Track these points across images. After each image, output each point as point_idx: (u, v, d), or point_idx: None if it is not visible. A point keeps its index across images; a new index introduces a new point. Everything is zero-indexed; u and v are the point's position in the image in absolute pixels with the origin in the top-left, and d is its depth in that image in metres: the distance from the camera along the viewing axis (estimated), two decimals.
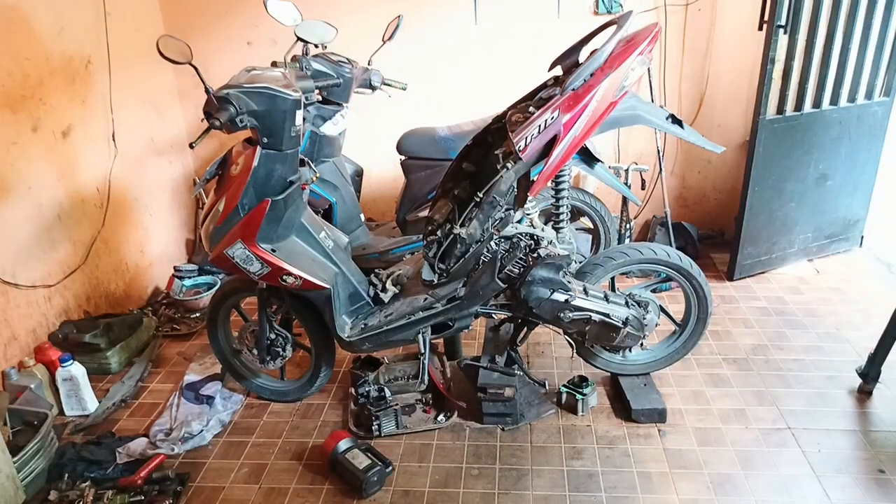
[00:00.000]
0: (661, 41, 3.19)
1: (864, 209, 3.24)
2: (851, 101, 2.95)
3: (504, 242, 1.97)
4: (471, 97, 3.32)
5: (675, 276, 2.17)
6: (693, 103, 3.35)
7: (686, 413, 2.20)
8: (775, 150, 2.84)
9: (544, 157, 1.81)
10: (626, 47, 1.82)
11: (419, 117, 3.13)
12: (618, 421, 2.18)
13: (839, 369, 2.38)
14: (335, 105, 2.73)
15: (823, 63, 2.83)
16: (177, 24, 3.32)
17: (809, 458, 1.96)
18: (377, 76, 2.82)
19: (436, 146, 2.74)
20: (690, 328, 2.26)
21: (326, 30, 2.63)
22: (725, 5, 3.14)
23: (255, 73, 1.90)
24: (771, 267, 3.17)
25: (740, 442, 2.05)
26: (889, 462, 1.92)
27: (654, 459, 1.99)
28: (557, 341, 2.66)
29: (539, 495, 1.88)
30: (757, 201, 2.92)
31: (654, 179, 3.37)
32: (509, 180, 1.87)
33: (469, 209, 1.97)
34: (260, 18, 3.11)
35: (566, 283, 1.98)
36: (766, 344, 2.58)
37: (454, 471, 2.00)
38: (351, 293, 2.13)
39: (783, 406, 2.20)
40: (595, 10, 3.17)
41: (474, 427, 2.19)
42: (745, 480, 1.89)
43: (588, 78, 1.81)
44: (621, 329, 2.05)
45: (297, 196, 1.97)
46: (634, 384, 2.26)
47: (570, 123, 1.79)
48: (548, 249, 1.96)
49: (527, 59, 3.18)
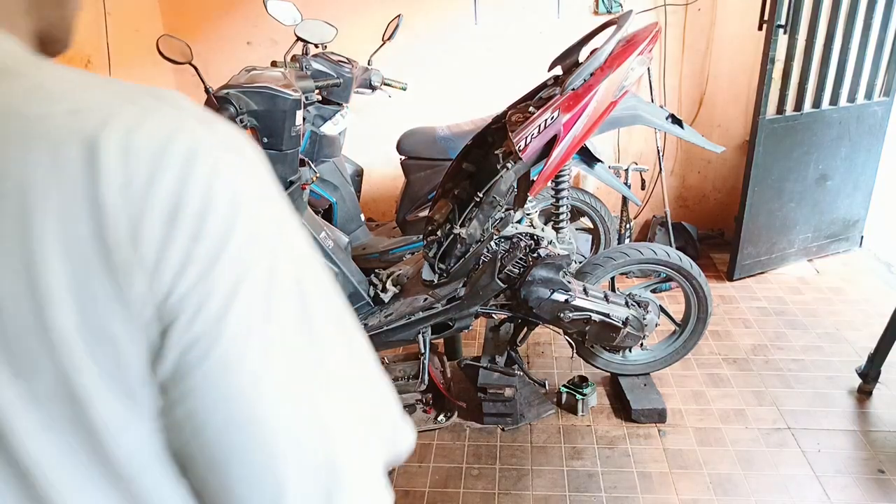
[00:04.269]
0: (661, 41, 3.19)
1: (864, 209, 3.24)
2: (851, 101, 2.95)
3: (504, 242, 1.97)
4: (471, 97, 3.32)
5: (675, 276, 2.17)
6: (693, 103, 3.35)
7: (686, 413, 2.20)
8: (775, 150, 2.84)
9: (544, 157, 1.81)
10: (626, 47, 1.82)
11: (419, 117, 3.13)
12: (618, 421, 2.18)
13: (839, 369, 2.38)
14: (335, 105, 2.73)
15: (823, 63, 2.83)
16: (177, 24, 3.32)
17: (809, 458, 1.96)
18: (377, 76, 2.81)
19: (436, 146, 2.74)
20: (690, 328, 2.26)
21: (326, 30, 2.62)
22: (725, 5, 3.14)
23: (255, 73, 1.90)
24: (771, 267, 3.17)
25: (740, 442, 2.05)
26: (889, 462, 1.92)
27: (654, 459, 1.99)
28: (557, 341, 2.66)
29: (539, 495, 1.88)
30: (757, 201, 2.92)
31: (654, 179, 3.37)
32: (509, 180, 1.87)
33: (469, 209, 1.97)
34: (260, 18, 3.11)
35: (566, 283, 1.98)
36: (765, 344, 2.58)
37: (454, 471, 2.00)
38: (351, 293, 2.13)
39: (783, 406, 2.20)
40: (595, 10, 3.17)
41: (474, 427, 2.19)
42: (745, 480, 1.88)
43: (588, 78, 1.81)
44: (621, 329, 2.05)
45: (298, 196, 1.97)
46: (634, 384, 2.26)
47: (570, 123, 1.79)
48: (548, 249, 1.96)
49: (527, 59, 3.18)
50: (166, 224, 0.36)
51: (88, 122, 0.36)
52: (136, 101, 0.38)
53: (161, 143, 0.36)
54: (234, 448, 0.38)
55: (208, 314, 0.36)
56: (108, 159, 0.35)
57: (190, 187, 0.36)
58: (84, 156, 0.35)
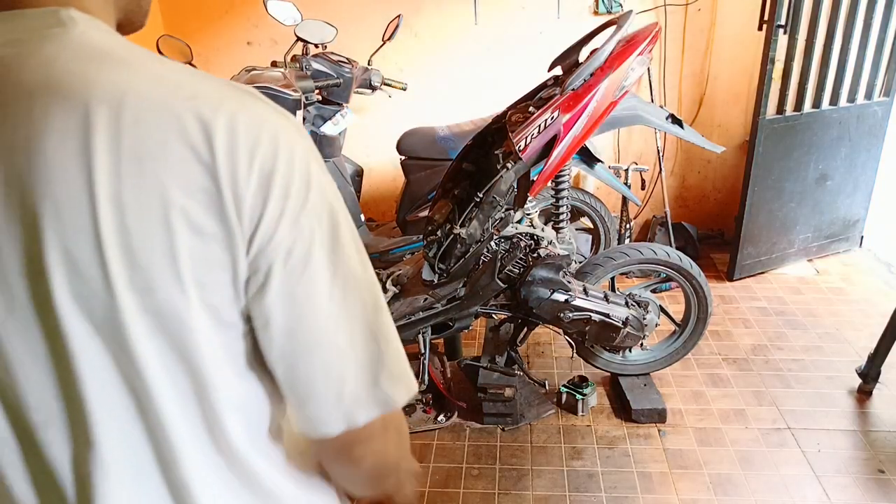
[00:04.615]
0: (661, 41, 3.19)
1: (864, 209, 3.24)
2: (851, 101, 2.95)
3: (504, 242, 1.97)
4: (471, 97, 3.32)
5: (675, 276, 2.17)
6: (693, 103, 3.35)
7: (686, 413, 2.20)
8: (775, 150, 2.84)
9: (544, 157, 1.81)
10: (626, 47, 1.82)
11: (419, 117, 3.13)
12: (618, 421, 2.18)
13: (839, 369, 2.38)
14: (335, 105, 2.73)
15: (823, 63, 2.83)
16: (177, 24, 3.32)
17: (809, 458, 1.96)
18: (377, 76, 2.81)
19: (436, 146, 2.73)
20: (690, 328, 2.26)
21: (326, 30, 2.62)
22: (725, 5, 3.14)
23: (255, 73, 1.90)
24: (771, 267, 3.17)
25: (740, 442, 2.05)
26: (889, 462, 1.92)
27: (654, 459, 1.99)
28: (557, 341, 2.66)
29: (539, 495, 1.88)
30: (757, 201, 2.92)
31: (654, 179, 3.37)
32: (509, 180, 1.87)
33: (469, 209, 1.97)
34: (260, 18, 3.11)
35: (566, 283, 1.98)
36: (766, 344, 2.58)
37: (454, 471, 2.00)
38: None
39: (783, 406, 2.20)
40: (595, 10, 3.17)
41: (474, 427, 2.19)
42: (745, 480, 1.89)
43: (588, 78, 1.81)
44: (621, 329, 2.05)
45: None
46: (634, 384, 2.26)
47: (570, 123, 1.79)
48: (548, 249, 1.96)
49: (527, 59, 3.18)
50: (262, 184, 0.49)
51: (204, 107, 0.48)
52: (234, 94, 0.51)
53: (256, 126, 0.50)
54: (315, 344, 0.54)
55: (299, 253, 0.52)
56: (219, 134, 0.48)
57: (279, 159, 0.50)
58: (202, 129, 0.48)
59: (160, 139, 0.47)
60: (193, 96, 0.49)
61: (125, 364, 0.50)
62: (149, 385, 0.51)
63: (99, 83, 0.47)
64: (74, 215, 0.46)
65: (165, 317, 0.49)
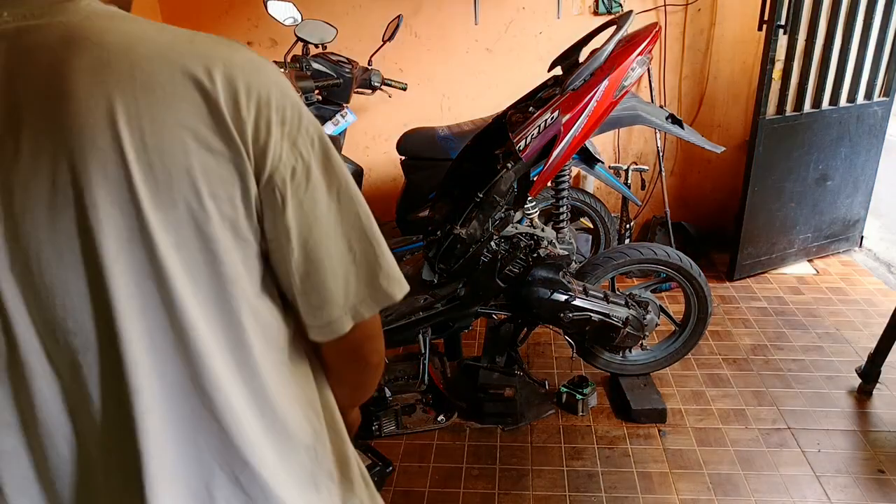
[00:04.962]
0: (661, 41, 3.19)
1: (864, 209, 3.24)
2: (851, 101, 2.95)
3: (504, 242, 1.97)
4: (471, 97, 3.32)
5: (675, 276, 2.17)
6: (693, 103, 3.35)
7: (686, 413, 2.20)
8: (775, 150, 2.84)
9: (544, 158, 1.81)
10: (626, 47, 1.82)
11: (419, 117, 3.13)
12: (618, 421, 2.18)
13: (839, 369, 2.38)
14: (335, 105, 2.73)
15: (823, 63, 2.83)
16: (177, 24, 3.26)
17: (809, 458, 1.96)
18: (377, 76, 2.81)
19: (436, 146, 2.73)
20: (690, 328, 2.26)
21: (326, 30, 2.62)
22: (725, 5, 3.14)
23: None
24: (771, 267, 3.17)
25: (740, 442, 2.05)
26: (889, 462, 1.92)
27: (654, 459, 1.99)
28: (557, 341, 2.66)
29: (539, 495, 1.88)
30: (757, 201, 2.92)
31: (654, 179, 3.37)
32: (509, 180, 1.87)
33: (469, 209, 1.97)
34: (260, 18, 3.11)
35: (566, 284, 1.98)
36: (765, 344, 2.58)
37: (454, 471, 2.00)
38: None
39: (783, 406, 2.20)
40: (595, 10, 3.17)
41: (474, 427, 2.19)
42: (745, 480, 1.89)
43: (588, 78, 1.81)
44: (621, 329, 2.05)
45: None
46: (634, 384, 2.26)
47: (569, 123, 1.79)
48: (548, 249, 1.96)
49: (527, 59, 3.18)
50: (261, 112, 0.58)
51: (202, 48, 0.58)
52: (226, 42, 0.60)
53: (249, 63, 0.59)
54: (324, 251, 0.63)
55: (301, 170, 0.60)
56: (218, 71, 0.56)
57: (272, 92, 0.59)
58: (203, 66, 0.56)
59: (168, 74, 0.55)
60: (192, 41, 0.58)
61: (155, 279, 0.56)
62: (176, 297, 0.56)
63: (111, 31, 0.56)
64: (101, 140, 0.53)
65: (189, 228, 0.56)
